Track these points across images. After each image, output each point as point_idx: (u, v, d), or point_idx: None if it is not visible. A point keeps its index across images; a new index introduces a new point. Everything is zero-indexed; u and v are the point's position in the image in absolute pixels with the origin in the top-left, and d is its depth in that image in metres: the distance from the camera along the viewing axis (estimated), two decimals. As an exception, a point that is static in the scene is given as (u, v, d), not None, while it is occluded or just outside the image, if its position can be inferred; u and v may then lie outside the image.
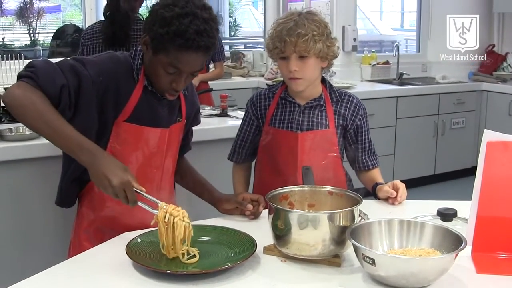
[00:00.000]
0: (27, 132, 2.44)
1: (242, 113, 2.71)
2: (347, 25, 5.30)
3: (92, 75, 1.62)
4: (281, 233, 1.46)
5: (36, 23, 7.13)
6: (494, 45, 5.78)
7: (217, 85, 4.46)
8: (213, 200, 1.92)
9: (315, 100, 2.01)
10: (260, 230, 1.61)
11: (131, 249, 1.47)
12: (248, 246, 1.50)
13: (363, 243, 1.36)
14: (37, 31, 7.17)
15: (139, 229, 1.64)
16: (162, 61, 1.63)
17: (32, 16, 7.07)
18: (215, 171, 2.16)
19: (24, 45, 7.15)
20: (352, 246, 1.36)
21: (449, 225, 1.49)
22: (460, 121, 5.43)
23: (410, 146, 5.15)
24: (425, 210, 1.74)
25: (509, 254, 1.48)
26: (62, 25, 6.60)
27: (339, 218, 1.43)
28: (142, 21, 3.39)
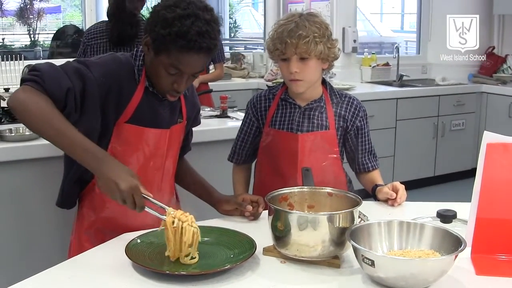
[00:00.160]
0: (27, 133, 2.44)
1: (242, 114, 2.71)
2: (347, 27, 5.31)
3: (96, 77, 1.62)
4: (280, 234, 1.46)
5: (36, 23, 7.14)
6: (494, 47, 5.77)
7: (217, 86, 4.46)
8: (212, 201, 1.92)
9: (315, 101, 2.01)
10: (259, 231, 1.61)
11: (131, 249, 1.47)
12: (247, 247, 1.50)
13: (362, 245, 1.36)
14: (37, 32, 7.17)
15: (140, 229, 1.64)
16: (164, 62, 1.63)
17: (32, 16, 7.08)
18: (215, 172, 2.16)
19: (24, 45, 7.15)
20: (351, 247, 1.36)
21: (449, 226, 1.49)
22: (460, 123, 5.43)
23: (410, 147, 5.15)
24: (424, 211, 1.74)
25: (509, 255, 1.49)
26: (62, 26, 6.61)
27: (339, 220, 1.43)
28: (144, 22, 3.40)
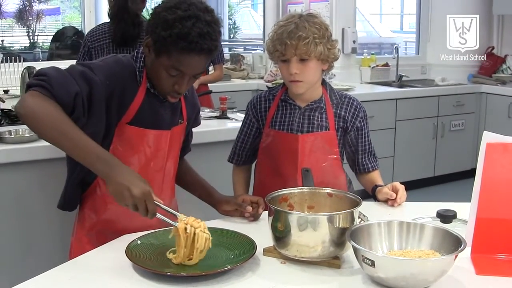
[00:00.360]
0: (27, 135, 2.44)
1: (241, 115, 2.71)
2: (346, 27, 5.31)
3: (101, 80, 1.61)
4: (280, 235, 1.46)
5: (36, 25, 7.13)
6: (493, 47, 5.77)
7: (216, 87, 4.47)
8: (213, 201, 1.92)
9: (315, 102, 2.01)
10: (259, 232, 1.62)
11: (131, 251, 1.47)
12: (248, 248, 1.50)
13: (362, 245, 1.36)
14: (36, 34, 7.17)
15: (141, 231, 1.64)
16: (165, 63, 1.63)
17: (31, 18, 7.08)
18: (214, 173, 2.16)
19: (23, 47, 7.15)
20: (351, 247, 1.36)
21: (449, 226, 1.50)
22: (460, 123, 5.43)
23: (409, 148, 5.15)
24: (424, 211, 1.74)
25: (508, 255, 1.49)
26: (61, 28, 6.61)
27: (339, 220, 1.43)
28: (144, 22, 3.39)
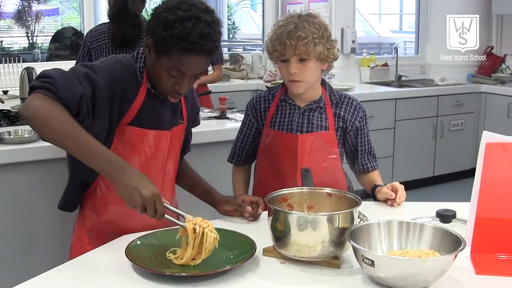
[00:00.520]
0: (26, 135, 2.44)
1: (241, 116, 2.71)
2: (345, 27, 5.32)
3: (104, 81, 1.61)
4: (280, 234, 1.46)
5: (35, 26, 7.12)
6: (492, 47, 5.78)
7: (216, 88, 4.46)
8: (212, 201, 1.92)
9: (315, 102, 2.01)
10: (259, 232, 1.62)
11: (131, 251, 1.47)
12: (247, 248, 1.50)
13: (362, 245, 1.36)
14: (35, 34, 7.16)
15: (142, 231, 1.64)
16: (165, 64, 1.62)
17: (30, 19, 7.07)
18: (214, 173, 2.16)
19: (22, 48, 7.14)
20: (351, 247, 1.36)
21: (448, 226, 1.50)
22: (459, 123, 5.44)
23: (409, 148, 5.15)
24: (424, 211, 1.74)
25: (508, 255, 1.49)
26: (60, 28, 6.61)
27: (338, 220, 1.43)
28: (144, 22, 3.39)
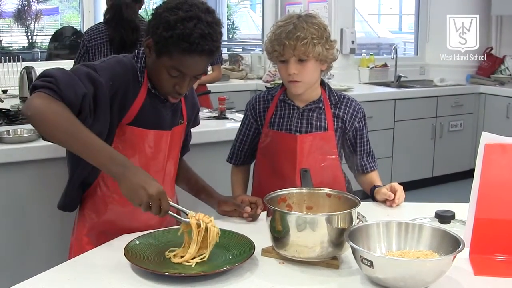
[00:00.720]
0: (25, 135, 2.44)
1: (240, 116, 2.71)
2: (345, 28, 5.32)
3: (105, 81, 1.61)
4: (279, 235, 1.46)
5: (34, 25, 7.12)
6: (492, 48, 5.78)
7: (215, 88, 4.46)
8: (211, 201, 1.92)
9: (314, 102, 2.01)
10: (258, 232, 1.62)
11: (130, 251, 1.47)
12: (246, 248, 1.50)
13: (361, 245, 1.36)
14: (35, 33, 7.16)
15: (141, 231, 1.64)
16: (166, 64, 1.62)
17: (30, 18, 7.07)
18: (213, 173, 2.16)
19: (22, 47, 7.14)
20: (350, 248, 1.36)
21: (447, 227, 1.50)
22: (458, 124, 5.44)
23: (408, 148, 5.15)
24: (423, 212, 1.74)
25: (507, 256, 1.49)
26: (60, 28, 6.60)
27: (337, 220, 1.43)
28: (143, 22, 3.39)
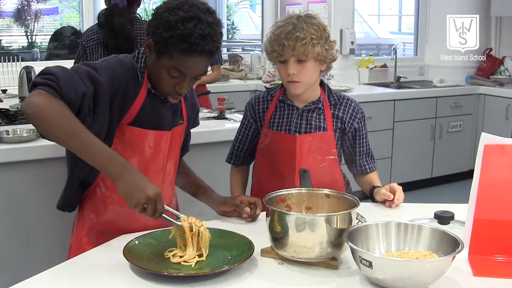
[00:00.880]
0: (25, 134, 2.44)
1: (239, 116, 2.71)
2: (344, 28, 5.31)
3: (106, 80, 1.61)
4: (278, 235, 1.46)
5: (34, 25, 7.12)
6: (491, 49, 5.78)
7: (214, 88, 4.46)
8: (210, 202, 1.92)
9: (313, 103, 2.01)
10: (257, 232, 1.62)
11: (129, 251, 1.47)
12: (245, 248, 1.50)
13: (360, 246, 1.37)
14: (34, 33, 7.16)
15: (140, 231, 1.64)
16: (166, 64, 1.62)
17: (29, 18, 7.06)
18: (212, 173, 2.16)
19: (21, 47, 7.13)
20: (349, 248, 1.36)
21: (446, 228, 1.50)
22: (458, 125, 5.44)
23: (407, 149, 5.15)
24: (422, 213, 1.75)
25: (506, 257, 1.49)
26: (59, 27, 6.60)
27: (337, 221, 1.43)
28: (141, 22, 3.39)
